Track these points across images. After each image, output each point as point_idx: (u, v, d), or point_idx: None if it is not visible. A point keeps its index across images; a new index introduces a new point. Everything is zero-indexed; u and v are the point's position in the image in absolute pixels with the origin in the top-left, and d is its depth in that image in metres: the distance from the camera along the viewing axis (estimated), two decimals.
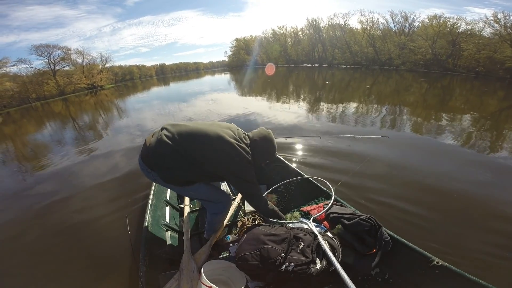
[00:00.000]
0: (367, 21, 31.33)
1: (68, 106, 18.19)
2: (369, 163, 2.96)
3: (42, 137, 7.53)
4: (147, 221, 1.57)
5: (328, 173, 2.80)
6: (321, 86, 12.54)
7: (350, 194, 2.32)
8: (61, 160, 4.56)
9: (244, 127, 1.43)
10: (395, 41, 27.15)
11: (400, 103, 7.28)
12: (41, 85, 29.65)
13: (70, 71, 33.49)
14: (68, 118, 11.32)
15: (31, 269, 1.90)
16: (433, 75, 17.53)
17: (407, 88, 11.15)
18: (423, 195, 2.33)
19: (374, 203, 2.20)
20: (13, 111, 21.67)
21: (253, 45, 48.48)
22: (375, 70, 23.03)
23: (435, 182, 2.56)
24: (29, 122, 12.48)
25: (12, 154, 6.15)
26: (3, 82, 25.24)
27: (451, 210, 2.12)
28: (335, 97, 8.98)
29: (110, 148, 4.83)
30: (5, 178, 4.20)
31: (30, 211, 2.84)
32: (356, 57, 31.72)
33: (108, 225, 2.28)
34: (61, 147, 5.67)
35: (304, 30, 41.15)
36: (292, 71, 26.48)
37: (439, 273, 1.03)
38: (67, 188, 3.30)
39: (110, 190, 2.99)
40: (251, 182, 1.29)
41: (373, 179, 2.61)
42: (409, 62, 24.99)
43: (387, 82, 13.84)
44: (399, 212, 2.10)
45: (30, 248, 2.16)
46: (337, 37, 35.34)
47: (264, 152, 1.35)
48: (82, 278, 1.73)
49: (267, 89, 12.70)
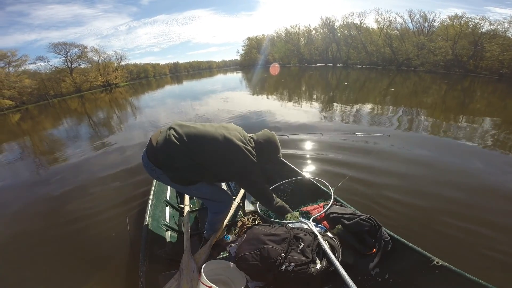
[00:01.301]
0: (384, 21, 30.45)
1: (84, 103, 18.64)
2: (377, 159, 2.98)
3: (58, 133, 7.85)
4: (147, 220, 1.57)
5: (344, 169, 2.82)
6: (340, 88, 11.87)
7: (353, 190, 2.34)
8: (70, 157, 4.67)
9: (254, 126, 1.45)
10: (414, 41, 26.20)
11: (421, 105, 6.82)
12: (59, 82, 30.62)
13: (86, 69, 34.28)
14: (84, 115, 11.78)
15: (29, 268, 1.89)
16: (454, 76, 16.79)
17: (425, 90, 10.50)
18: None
19: (379, 202, 2.20)
20: (32, 107, 22.41)
21: (264, 44, 48.10)
22: (391, 71, 22.40)
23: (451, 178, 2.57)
24: (46, 118, 12.93)
25: (23, 149, 6.29)
26: (22, 79, 26.00)
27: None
28: (358, 99, 8.25)
29: (118, 146, 4.88)
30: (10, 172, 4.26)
31: (30, 207, 2.87)
32: (372, 57, 30.88)
33: (108, 225, 2.28)
34: (72, 143, 5.83)
35: (318, 29, 40.32)
36: (305, 71, 26.07)
37: (439, 273, 1.03)
38: (67, 186, 3.30)
39: (111, 190, 3.00)
40: (259, 182, 1.32)
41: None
42: (428, 63, 24.06)
43: (405, 83, 13.28)
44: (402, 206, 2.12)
45: (28, 247, 2.15)
46: (352, 36, 34.46)
47: (269, 153, 1.37)
48: (82, 278, 1.72)
49: (279, 88, 12.47)
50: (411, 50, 25.88)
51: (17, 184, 3.75)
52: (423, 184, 2.52)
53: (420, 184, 2.52)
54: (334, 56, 37.52)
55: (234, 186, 2.43)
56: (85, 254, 1.96)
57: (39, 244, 2.18)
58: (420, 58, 24.78)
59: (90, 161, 4.24)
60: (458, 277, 0.97)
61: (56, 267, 1.86)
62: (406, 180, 2.62)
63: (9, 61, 26.70)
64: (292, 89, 12.18)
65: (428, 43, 24.46)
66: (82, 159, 4.40)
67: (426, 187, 2.45)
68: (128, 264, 1.71)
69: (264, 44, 47.81)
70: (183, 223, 1.66)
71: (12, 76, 25.51)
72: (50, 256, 2.01)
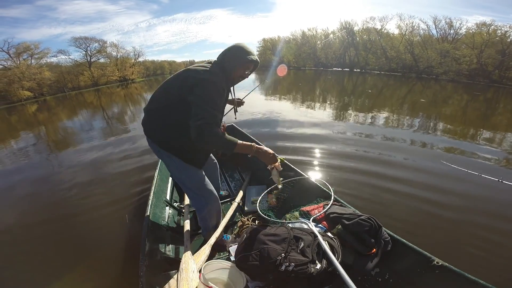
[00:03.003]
0: (407, 26, 29.35)
1: (99, 96, 19.11)
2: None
3: (72, 124, 8.17)
4: (146, 220, 1.57)
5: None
6: (366, 95, 10.73)
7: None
8: (74, 150, 4.82)
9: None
10: (437, 48, 25.08)
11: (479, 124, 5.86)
12: (77, 76, 31.32)
13: (104, 63, 34.88)
14: (98, 108, 12.21)
15: (28, 268, 1.89)
16: (477, 86, 15.88)
17: (462, 103, 9.32)
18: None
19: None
20: (50, 98, 23.28)
21: (279, 46, 47.50)
22: (410, 78, 21.61)
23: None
24: (62, 111, 13.41)
25: (36, 139, 6.49)
26: (42, 71, 26.89)
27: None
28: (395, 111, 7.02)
29: (120, 144, 4.90)
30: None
31: (31, 204, 2.89)
32: (392, 63, 29.70)
33: (108, 225, 2.28)
34: (82, 136, 6.02)
35: (336, 33, 39.10)
36: (320, 75, 25.44)
37: (439, 273, 1.03)
38: (67, 184, 3.30)
39: (111, 189, 3.00)
40: (208, 101, 1.14)
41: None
42: (451, 72, 22.97)
43: (435, 94, 11.99)
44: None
45: (27, 246, 2.16)
46: (371, 41, 33.46)
47: (232, 58, 1.26)
48: (82, 278, 1.73)
49: (293, 92, 12.10)
50: (434, 58, 24.78)
51: (25, 176, 3.83)
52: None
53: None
54: (352, 61, 36.59)
55: (234, 186, 2.44)
56: (85, 254, 1.96)
57: (38, 242, 2.18)
58: (443, 66, 23.73)
59: (91, 159, 4.23)
60: (458, 277, 0.97)
61: (56, 267, 1.86)
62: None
63: (31, 53, 27.63)
64: (312, 94, 11.47)
65: (453, 51, 23.50)
66: (84, 155, 4.45)
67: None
68: (128, 264, 1.71)
69: (279, 46, 47.23)
70: (183, 223, 1.66)
71: (33, 68, 26.32)
72: (50, 256, 2.01)
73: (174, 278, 1.19)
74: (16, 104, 21.35)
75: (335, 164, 3.24)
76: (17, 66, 25.59)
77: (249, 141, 1.25)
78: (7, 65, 25.40)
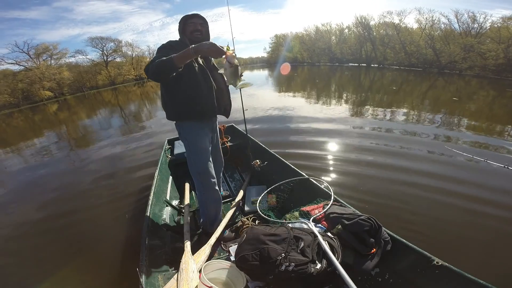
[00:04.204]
0: (426, 21, 27.94)
1: (117, 95, 19.79)
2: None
3: (90, 123, 8.73)
4: (146, 220, 1.57)
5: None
6: (391, 92, 9.79)
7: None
8: (86, 150, 4.97)
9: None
10: (460, 42, 23.72)
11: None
12: (95, 75, 32.43)
13: (120, 62, 35.82)
14: (116, 107, 12.73)
15: (27, 268, 1.89)
16: (505, 82, 14.45)
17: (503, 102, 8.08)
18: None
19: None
20: (70, 98, 24.61)
21: (287, 41, 47.11)
22: (432, 73, 20.75)
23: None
24: (81, 110, 14.05)
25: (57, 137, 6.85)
26: (62, 71, 28.17)
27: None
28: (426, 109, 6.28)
29: (123, 143, 4.97)
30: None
31: (33, 201, 2.92)
32: (412, 58, 28.35)
33: (108, 225, 2.29)
34: (97, 134, 6.30)
35: (351, 28, 37.95)
36: (336, 70, 24.93)
37: (439, 273, 1.02)
38: (68, 181, 3.32)
39: (111, 189, 3.00)
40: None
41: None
42: (477, 67, 21.51)
43: (462, 90, 10.91)
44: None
45: (26, 245, 2.16)
46: (389, 36, 32.17)
47: (179, 26, 1.50)
48: (82, 278, 1.73)
49: (309, 89, 11.70)
50: (457, 52, 23.41)
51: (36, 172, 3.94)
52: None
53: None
54: (368, 56, 35.31)
55: (234, 186, 2.44)
56: (84, 254, 1.96)
57: (38, 241, 2.19)
58: (468, 61, 22.30)
59: (92, 159, 4.25)
60: (458, 277, 0.97)
61: (55, 267, 1.86)
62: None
63: (51, 54, 28.88)
64: (332, 91, 10.90)
65: (478, 45, 22.11)
66: (95, 153, 4.58)
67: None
68: (128, 264, 1.71)
69: (287, 41, 46.78)
70: (183, 223, 1.66)
71: (52, 69, 27.46)
72: (49, 255, 2.01)
73: (174, 278, 1.19)
74: (39, 104, 22.51)
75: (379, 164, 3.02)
76: (37, 66, 26.58)
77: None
78: (28, 66, 26.53)
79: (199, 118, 1.52)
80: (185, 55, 1.18)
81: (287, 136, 4.29)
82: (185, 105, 1.46)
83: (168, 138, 3.06)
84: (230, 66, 1.15)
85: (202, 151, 1.54)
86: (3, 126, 12.57)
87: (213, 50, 1.17)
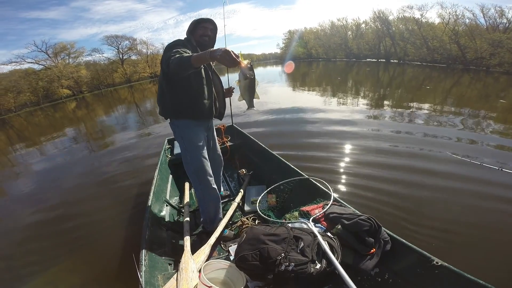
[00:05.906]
0: (449, 15, 26.31)
1: (133, 93, 20.34)
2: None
3: (109, 120, 9.28)
4: (146, 220, 1.57)
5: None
6: (426, 92, 8.50)
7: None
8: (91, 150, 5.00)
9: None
10: (488, 38, 22.27)
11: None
12: (111, 73, 33.04)
13: (136, 60, 36.33)
14: (132, 104, 13.37)
15: (26, 267, 1.89)
16: None
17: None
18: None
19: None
20: (88, 95, 25.30)
21: (294, 38, 46.64)
22: (456, 70, 19.70)
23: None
24: (98, 107, 14.71)
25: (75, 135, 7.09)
26: (79, 70, 28.77)
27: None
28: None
29: (122, 144, 4.95)
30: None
31: (32, 201, 2.92)
32: (436, 54, 26.85)
33: (107, 225, 2.28)
34: (108, 133, 6.46)
35: (368, 23, 36.62)
36: (353, 66, 24.17)
37: (439, 273, 1.02)
38: (68, 182, 3.32)
39: (112, 189, 3.00)
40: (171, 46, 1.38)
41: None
42: (507, 63, 20.05)
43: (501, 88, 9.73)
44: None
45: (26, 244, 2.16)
46: (410, 31, 30.64)
47: (188, 28, 1.54)
48: (81, 278, 1.73)
49: (332, 85, 11.27)
50: (485, 48, 21.87)
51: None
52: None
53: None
54: (387, 51, 33.78)
55: (234, 186, 2.44)
56: (84, 254, 1.96)
57: (37, 241, 2.19)
58: (497, 57, 20.85)
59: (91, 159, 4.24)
60: (458, 277, 0.97)
61: (55, 267, 1.86)
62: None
63: (68, 53, 29.56)
64: (363, 89, 10.08)
65: (507, 41, 20.77)
66: (97, 154, 4.55)
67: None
68: (128, 264, 1.71)
69: (300, 37, 46.02)
70: (182, 223, 1.66)
71: (70, 67, 28.00)
72: (49, 255, 2.01)
73: (173, 277, 1.19)
74: (58, 102, 23.19)
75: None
76: (55, 65, 27.16)
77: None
78: (47, 65, 27.15)
79: (196, 118, 1.54)
80: (202, 58, 1.17)
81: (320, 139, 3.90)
82: (186, 104, 1.47)
83: (168, 138, 3.06)
84: (245, 78, 1.03)
85: (198, 149, 1.55)
86: (36, 120, 13.42)
87: (226, 59, 1.08)
